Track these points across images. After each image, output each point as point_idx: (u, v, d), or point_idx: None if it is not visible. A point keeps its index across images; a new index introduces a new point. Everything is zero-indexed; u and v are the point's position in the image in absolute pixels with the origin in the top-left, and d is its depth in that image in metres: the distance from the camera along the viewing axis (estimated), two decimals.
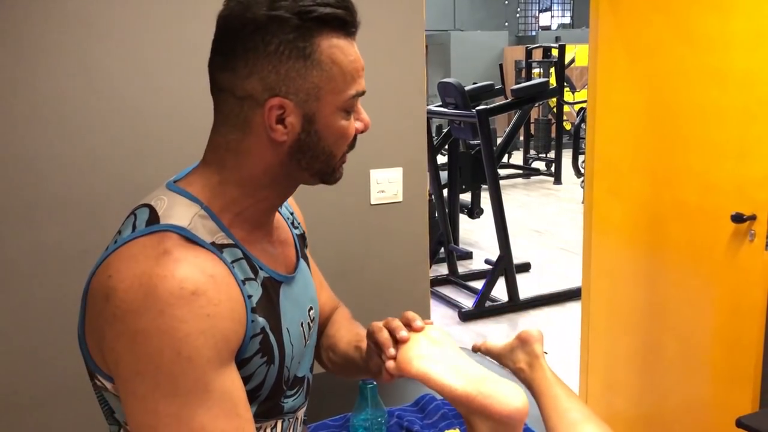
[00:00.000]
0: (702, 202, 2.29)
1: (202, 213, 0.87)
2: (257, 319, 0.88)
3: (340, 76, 0.87)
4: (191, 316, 0.77)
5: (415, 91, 2.18)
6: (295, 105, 0.86)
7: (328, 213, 2.11)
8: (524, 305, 4.64)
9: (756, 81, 2.06)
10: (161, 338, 0.76)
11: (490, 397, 0.88)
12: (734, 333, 2.22)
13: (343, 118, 0.90)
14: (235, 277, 0.85)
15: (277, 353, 0.92)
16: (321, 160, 0.91)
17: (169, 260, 0.80)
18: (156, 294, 0.77)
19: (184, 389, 0.77)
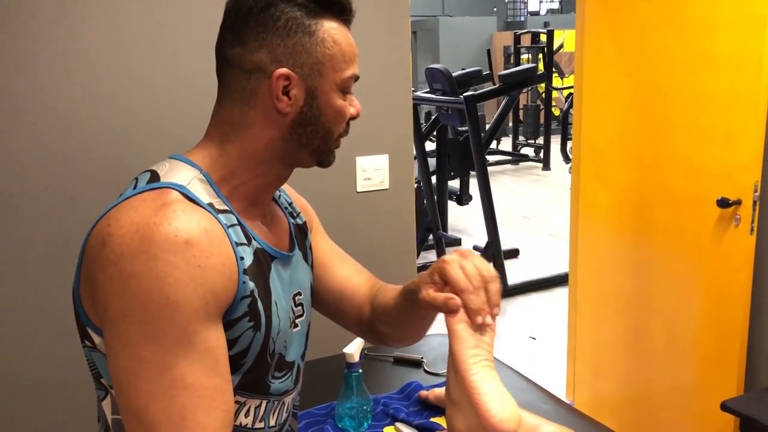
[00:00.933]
0: (688, 187, 2.30)
1: (201, 177, 0.92)
2: (248, 282, 0.89)
3: (341, 55, 0.94)
4: (183, 264, 0.80)
5: (400, 76, 2.16)
6: (299, 78, 0.91)
7: (313, 201, 2.08)
8: (512, 291, 4.66)
9: (742, 66, 2.06)
10: (151, 282, 0.78)
11: (486, 402, 0.89)
12: (720, 317, 2.23)
13: (341, 98, 0.95)
14: (228, 237, 0.87)
15: (264, 321, 0.92)
16: (320, 136, 0.95)
17: (167, 210, 0.83)
18: (151, 239, 0.79)
19: (169, 336, 0.79)
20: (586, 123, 2.77)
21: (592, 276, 2.85)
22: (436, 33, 13.17)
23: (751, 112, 2.04)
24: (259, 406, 0.97)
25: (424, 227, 5.19)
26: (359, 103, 1.00)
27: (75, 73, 1.72)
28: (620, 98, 2.57)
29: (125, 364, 0.80)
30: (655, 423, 2.55)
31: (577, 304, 2.96)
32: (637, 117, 2.50)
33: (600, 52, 2.66)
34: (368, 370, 1.65)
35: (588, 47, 2.72)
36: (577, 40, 2.82)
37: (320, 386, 1.60)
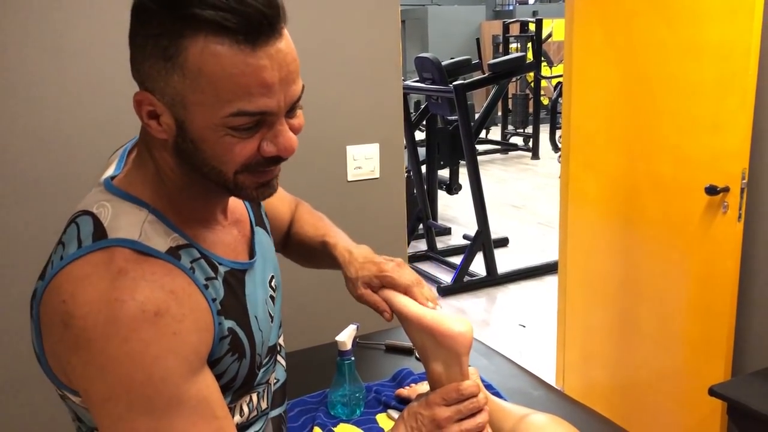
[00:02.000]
0: (676, 174, 2.31)
1: (151, 218, 0.81)
2: (224, 322, 0.86)
3: (210, 90, 0.72)
4: (158, 338, 0.74)
5: (390, 65, 2.16)
6: (164, 106, 0.75)
7: (304, 190, 2.09)
8: (502, 280, 4.68)
9: (730, 54, 2.07)
10: (131, 364, 0.74)
11: (437, 320, 0.98)
12: (708, 303, 2.25)
13: (229, 135, 0.75)
14: (196, 284, 0.81)
15: (248, 346, 0.91)
16: (208, 172, 0.79)
17: (125, 280, 0.75)
18: (118, 320, 0.73)
19: (160, 406, 0.76)
20: (576, 112, 2.78)
21: (582, 263, 2.87)
22: (425, 22, 13.13)
23: (739, 99, 2.06)
24: (250, 400, 0.98)
25: (414, 216, 5.19)
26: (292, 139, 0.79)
27: (66, 64, 1.71)
28: (609, 87, 2.58)
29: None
30: (644, 408, 2.58)
31: (566, 292, 2.98)
32: (625, 105, 2.51)
33: (589, 41, 2.66)
34: (360, 358, 1.66)
35: (577, 36, 2.73)
36: (567, 29, 2.82)
37: (312, 374, 1.61)
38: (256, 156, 0.78)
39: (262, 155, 0.78)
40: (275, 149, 0.78)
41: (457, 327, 0.98)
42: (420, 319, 1.00)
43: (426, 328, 0.99)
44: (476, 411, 0.96)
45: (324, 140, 2.10)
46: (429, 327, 0.98)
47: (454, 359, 0.97)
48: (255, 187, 0.83)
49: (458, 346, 0.97)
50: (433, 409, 0.96)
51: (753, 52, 2.01)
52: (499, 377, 1.63)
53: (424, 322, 0.99)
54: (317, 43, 2.03)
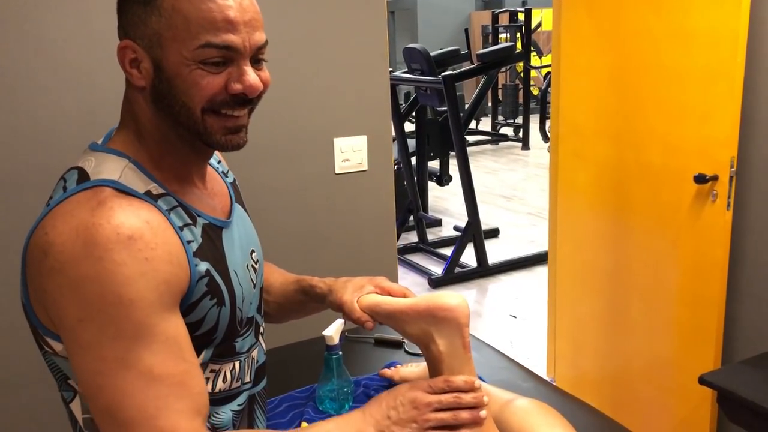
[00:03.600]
0: (665, 163, 2.30)
1: (131, 166, 0.88)
2: (200, 264, 0.89)
3: (183, 24, 0.83)
4: (130, 260, 0.78)
5: (377, 56, 2.14)
6: (143, 50, 0.86)
7: (291, 183, 2.08)
8: (493, 270, 4.68)
9: (718, 42, 2.06)
10: (102, 283, 0.77)
11: (432, 299, 1.01)
12: (697, 292, 2.25)
13: (198, 68, 0.84)
14: (171, 223, 0.86)
15: (227, 295, 0.93)
16: (179, 111, 0.87)
17: (104, 209, 0.80)
18: (94, 241, 0.78)
19: (129, 332, 0.78)
20: (564, 101, 2.77)
21: (571, 253, 2.86)
22: (414, 13, 13.08)
23: (727, 87, 2.05)
24: (233, 368, 0.99)
25: (404, 208, 5.18)
26: (255, 79, 0.88)
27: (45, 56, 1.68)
28: (597, 76, 2.57)
29: (89, 367, 0.79)
30: (635, 397, 2.58)
31: (556, 282, 2.98)
32: (614, 94, 2.50)
33: (577, 30, 2.65)
34: (348, 352, 1.64)
35: (565, 25, 2.71)
36: (554, 18, 2.80)
37: (300, 369, 1.60)
38: (222, 93, 0.86)
39: (229, 92, 0.86)
40: (241, 86, 0.86)
41: (453, 300, 1.00)
42: (414, 306, 1.01)
43: (423, 310, 1.00)
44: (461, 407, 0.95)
45: (311, 133, 2.08)
46: (426, 308, 1.00)
47: (456, 331, 0.99)
48: (222, 132, 0.89)
49: (459, 316, 0.99)
50: (415, 392, 0.96)
51: (741, 40, 2.00)
52: (489, 369, 1.62)
53: (419, 306, 1.01)
54: (303, 35, 2.00)
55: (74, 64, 1.71)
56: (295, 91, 2.04)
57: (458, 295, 1.02)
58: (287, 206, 2.08)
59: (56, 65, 1.69)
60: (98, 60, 1.72)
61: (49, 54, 1.68)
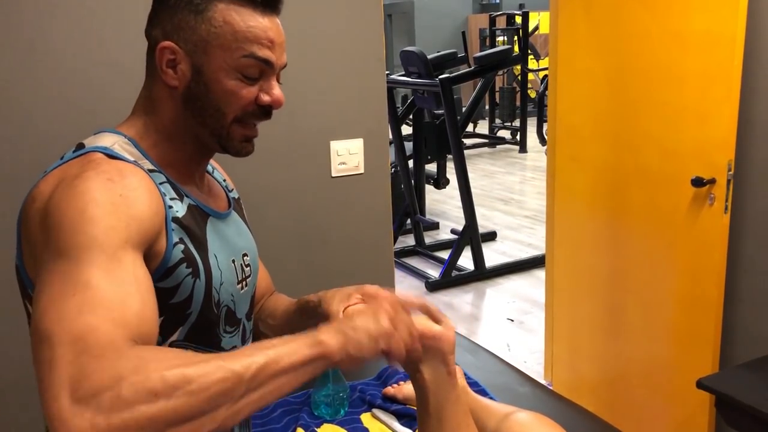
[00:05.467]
0: (663, 166, 2.30)
1: (126, 141, 0.94)
2: (177, 229, 0.91)
3: (230, 35, 0.92)
4: (104, 190, 0.80)
5: (373, 58, 2.13)
6: (185, 53, 0.93)
7: (287, 186, 2.07)
8: (490, 274, 4.67)
9: (715, 44, 2.05)
10: (68, 204, 0.78)
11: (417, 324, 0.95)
12: (695, 296, 2.24)
13: (236, 79, 0.94)
14: (157, 187, 0.89)
15: (203, 270, 0.93)
16: (210, 114, 0.95)
17: (91, 164, 0.85)
18: (76, 180, 0.81)
19: (79, 246, 0.74)
20: (561, 104, 2.76)
21: (569, 257, 2.85)
22: (412, 16, 13.09)
23: (724, 90, 2.04)
24: None
25: (401, 211, 5.17)
26: (280, 94, 0.97)
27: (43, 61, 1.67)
28: (595, 79, 2.56)
29: (39, 281, 0.74)
30: (632, 401, 2.57)
31: (554, 285, 2.97)
32: (611, 97, 2.50)
33: (574, 33, 2.64)
34: None
35: (562, 28, 2.71)
36: (551, 21, 2.80)
37: None
38: (253, 104, 0.95)
39: (258, 103, 0.96)
40: (269, 99, 0.96)
41: (437, 326, 0.96)
42: None
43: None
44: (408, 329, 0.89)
45: (307, 135, 2.07)
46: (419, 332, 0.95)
47: (440, 359, 0.96)
48: (241, 140, 0.98)
49: (443, 344, 0.96)
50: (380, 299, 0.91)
51: (738, 42, 1.99)
52: (485, 374, 1.61)
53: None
54: (300, 38, 2.00)
55: (75, 66, 1.70)
56: (292, 94, 2.03)
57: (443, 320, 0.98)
58: (283, 209, 2.07)
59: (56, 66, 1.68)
60: (99, 62, 1.71)
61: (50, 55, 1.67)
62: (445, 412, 0.96)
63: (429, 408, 0.97)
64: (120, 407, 0.62)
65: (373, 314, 0.84)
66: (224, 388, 0.66)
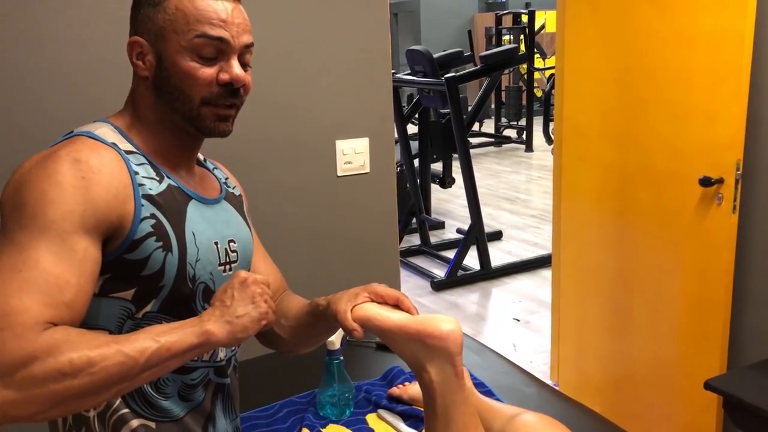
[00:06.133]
0: (670, 166, 2.28)
1: (111, 127, 1.01)
2: (147, 205, 0.95)
3: (182, 18, 0.98)
4: (68, 173, 0.88)
5: (379, 58, 2.12)
6: (149, 44, 1.00)
7: (293, 185, 2.06)
8: (496, 273, 4.66)
9: (723, 43, 2.04)
10: (35, 183, 0.87)
11: (422, 323, 0.96)
12: (702, 296, 2.23)
13: (192, 60, 0.99)
14: (126, 164, 0.95)
15: (176, 244, 0.97)
16: (177, 98, 1.00)
17: (68, 144, 0.93)
18: (47, 159, 0.90)
19: (38, 224, 0.84)
20: (568, 103, 2.75)
21: (575, 257, 2.84)
22: (417, 14, 13.07)
23: (732, 89, 2.03)
24: None
25: (407, 211, 5.16)
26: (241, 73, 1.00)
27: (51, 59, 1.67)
28: (602, 78, 2.55)
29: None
30: (639, 401, 2.56)
31: (560, 285, 2.96)
32: (618, 96, 2.48)
33: (581, 32, 2.63)
34: (350, 357, 1.63)
35: (569, 27, 2.69)
36: (559, 20, 2.79)
37: (301, 374, 1.58)
38: (214, 84, 0.99)
39: (218, 83, 0.99)
40: (228, 76, 0.99)
41: (445, 326, 0.95)
42: (404, 328, 0.97)
43: (413, 334, 0.96)
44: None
45: (313, 135, 2.07)
46: (416, 332, 0.96)
47: (447, 360, 0.95)
48: (213, 119, 1.01)
49: (450, 345, 0.95)
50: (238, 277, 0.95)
51: (747, 40, 1.98)
52: (492, 374, 1.60)
53: (409, 329, 0.96)
54: (305, 37, 1.99)
55: (75, 64, 1.70)
56: (297, 93, 2.03)
57: (450, 320, 0.96)
58: (289, 208, 2.07)
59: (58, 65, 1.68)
60: (103, 58, 1.71)
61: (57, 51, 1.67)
62: (452, 414, 0.95)
63: (436, 409, 0.96)
64: (31, 384, 0.74)
65: (251, 299, 0.93)
66: (122, 370, 0.80)
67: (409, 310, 1.03)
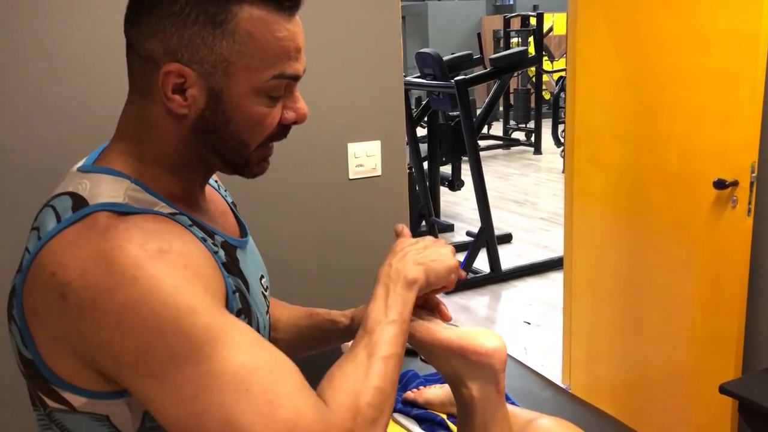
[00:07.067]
0: (684, 168, 2.27)
1: (134, 187, 0.78)
2: (229, 277, 0.81)
3: (258, 53, 0.76)
4: (169, 270, 0.68)
5: (391, 61, 2.12)
6: (198, 76, 0.75)
7: (305, 189, 2.06)
8: (506, 276, 4.64)
9: (738, 44, 2.03)
10: (150, 301, 0.66)
11: (466, 339, 0.92)
12: (717, 299, 2.21)
13: (262, 104, 0.79)
14: (193, 233, 0.78)
15: (255, 316, 0.88)
16: (230, 147, 0.80)
17: (117, 231, 0.70)
18: (120, 264, 0.67)
19: (201, 339, 0.67)
20: (580, 105, 2.74)
21: (587, 259, 2.83)
22: (425, 17, 13.07)
23: (747, 90, 2.01)
24: None
25: (416, 213, 5.16)
26: (305, 106, 0.84)
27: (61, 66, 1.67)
28: (614, 79, 2.54)
29: (177, 397, 0.67)
30: (652, 406, 2.54)
31: (572, 288, 2.94)
32: (631, 98, 2.47)
33: (593, 33, 2.62)
34: None
35: (581, 28, 2.68)
36: (570, 22, 2.78)
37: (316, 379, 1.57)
38: (277, 127, 0.82)
39: (282, 123, 0.82)
40: (294, 116, 0.83)
41: (490, 343, 0.92)
42: (446, 342, 0.93)
43: (455, 349, 0.92)
44: None
45: (325, 138, 2.06)
46: (459, 348, 0.92)
47: (491, 378, 0.92)
48: (258, 162, 0.85)
49: (495, 362, 0.92)
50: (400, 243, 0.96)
51: (762, 41, 1.96)
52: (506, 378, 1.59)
53: (452, 344, 0.92)
54: (317, 40, 1.99)
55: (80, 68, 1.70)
56: (309, 96, 2.01)
57: (495, 336, 0.93)
58: (301, 212, 2.06)
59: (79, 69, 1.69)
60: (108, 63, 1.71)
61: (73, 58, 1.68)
62: (491, 430, 0.93)
63: (474, 425, 0.93)
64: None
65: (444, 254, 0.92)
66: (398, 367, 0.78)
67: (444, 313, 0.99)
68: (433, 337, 0.93)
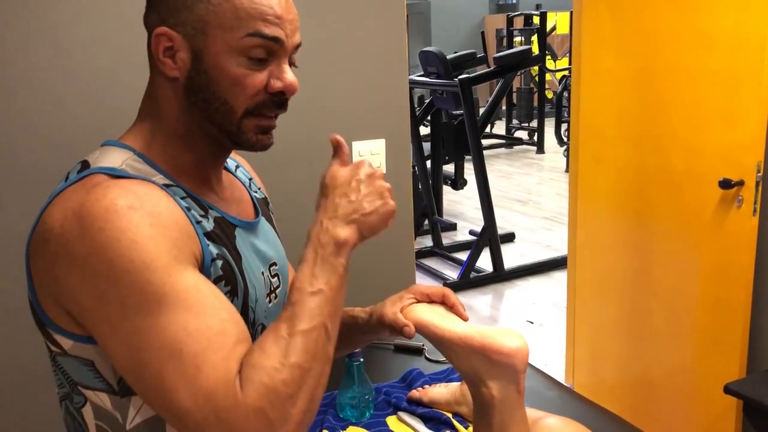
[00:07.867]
0: (689, 168, 2.26)
1: (135, 158, 0.85)
2: (212, 245, 0.85)
3: (231, 12, 0.82)
4: (133, 226, 0.74)
5: (396, 60, 2.12)
6: (183, 38, 0.83)
7: (309, 187, 2.06)
8: (509, 275, 4.64)
9: (744, 43, 2.02)
10: (109, 252, 0.72)
11: (488, 337, 0.91)
12: (722, 299, 2.21)
13: (241, 64, 0.83)
14: (177, 203, 0.82)
15: (241, 286, 0.88)
16: (216, 108, 0.85)
17: (98, 188, 0.77)
18: (91, 215, 0.74)
19: (154, 296, 0.72)
20: (585, 104, 2.74)
21: (592, 259, 2.82)
22: (428, 16, 13.07)
23: (753, 90, 2.01)
24: None
25: (419, 212, 5.15)
26: (294, 79, 0.86)
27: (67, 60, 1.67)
28: (619, 78, 2.53)
29: (124, 344, 0.73)
30: (656, 406, 2.54)
31: (576, 287, 2.94)
32: (636, 97, 2.46)
33: (598, 32, 2.61)
34: (369, 359, 1.62)
35: (586, 27, 2.68)
36: (575, 20, 2.77)
37: None
38: (263, 93, 0.85)
39: (268, 91, 0.85)
40: (281, 84, 0.85)
41: (512, 343, 0.91)
42: (468, 340, 0.93)
43: (476, 348, 0.92)
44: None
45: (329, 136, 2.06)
46: (480, 347, 0.92)
47: (512, 378, 0.91)
48: (255, 132, 0.87)
49: (517, 362, 0.91)
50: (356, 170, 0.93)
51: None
52: None
53: (473, 342, 0.92)
54: (322, 39, 1.99)
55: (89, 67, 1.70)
56: (314, 95, 2.02)
57: (517, 336, 0.93)
58: (306, 210, 2.05)
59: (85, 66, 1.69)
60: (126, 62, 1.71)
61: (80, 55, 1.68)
62: (509, 430, 0.93)
63: (492, 425, 0.93)
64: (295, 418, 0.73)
65: (379, 195, 0.88)
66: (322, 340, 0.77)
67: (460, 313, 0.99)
68: (454, 334, 0.93)
